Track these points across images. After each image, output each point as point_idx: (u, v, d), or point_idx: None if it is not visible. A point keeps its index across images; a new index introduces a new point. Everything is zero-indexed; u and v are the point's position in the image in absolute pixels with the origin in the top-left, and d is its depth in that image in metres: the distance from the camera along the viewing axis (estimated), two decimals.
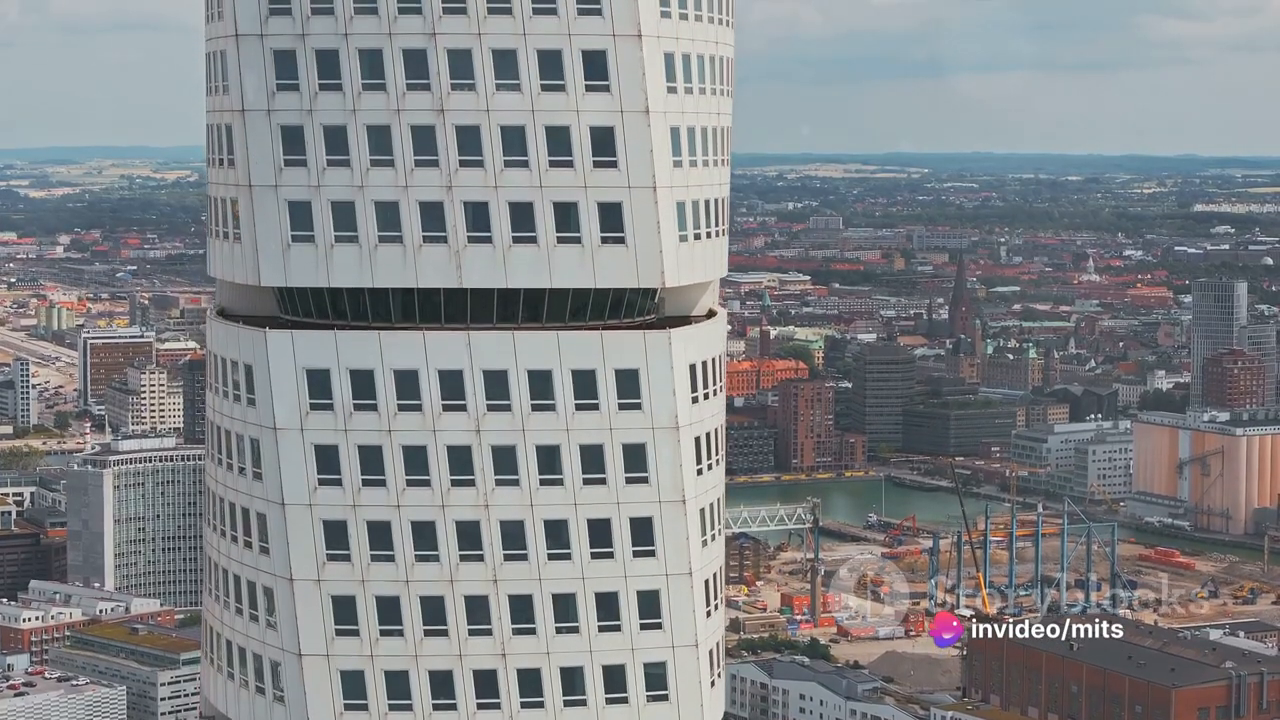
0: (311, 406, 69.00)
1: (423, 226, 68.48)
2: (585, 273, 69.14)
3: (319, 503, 68.94)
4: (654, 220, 68.99)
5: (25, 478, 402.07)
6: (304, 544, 68.94)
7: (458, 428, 68.84)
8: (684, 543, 69.89)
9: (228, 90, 70.45)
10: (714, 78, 72.62)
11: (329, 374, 68.79)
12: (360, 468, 68.83)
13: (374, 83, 68.44)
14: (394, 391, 68.75)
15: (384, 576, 68.90)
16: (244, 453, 70.74)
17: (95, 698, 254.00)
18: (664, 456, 69.56)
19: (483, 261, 68.63)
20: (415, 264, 68.61)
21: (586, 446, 69.21)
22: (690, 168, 70.89)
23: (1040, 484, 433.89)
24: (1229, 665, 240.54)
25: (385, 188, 68.53)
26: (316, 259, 69.02)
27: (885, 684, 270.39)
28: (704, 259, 72.24)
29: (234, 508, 71.62)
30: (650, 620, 69.90)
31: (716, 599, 72.74)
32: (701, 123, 71.69)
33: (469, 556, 68.97)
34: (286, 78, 68.88)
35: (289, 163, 69.02)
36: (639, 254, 69.22)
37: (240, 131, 69.71)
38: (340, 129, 68.63)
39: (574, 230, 68.86)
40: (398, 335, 69.13)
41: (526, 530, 69.08)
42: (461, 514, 68.94)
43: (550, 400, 69.12)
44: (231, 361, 71.46)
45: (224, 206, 71.60)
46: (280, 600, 69.43)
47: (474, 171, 68.42)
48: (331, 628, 69.01)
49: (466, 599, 69.03)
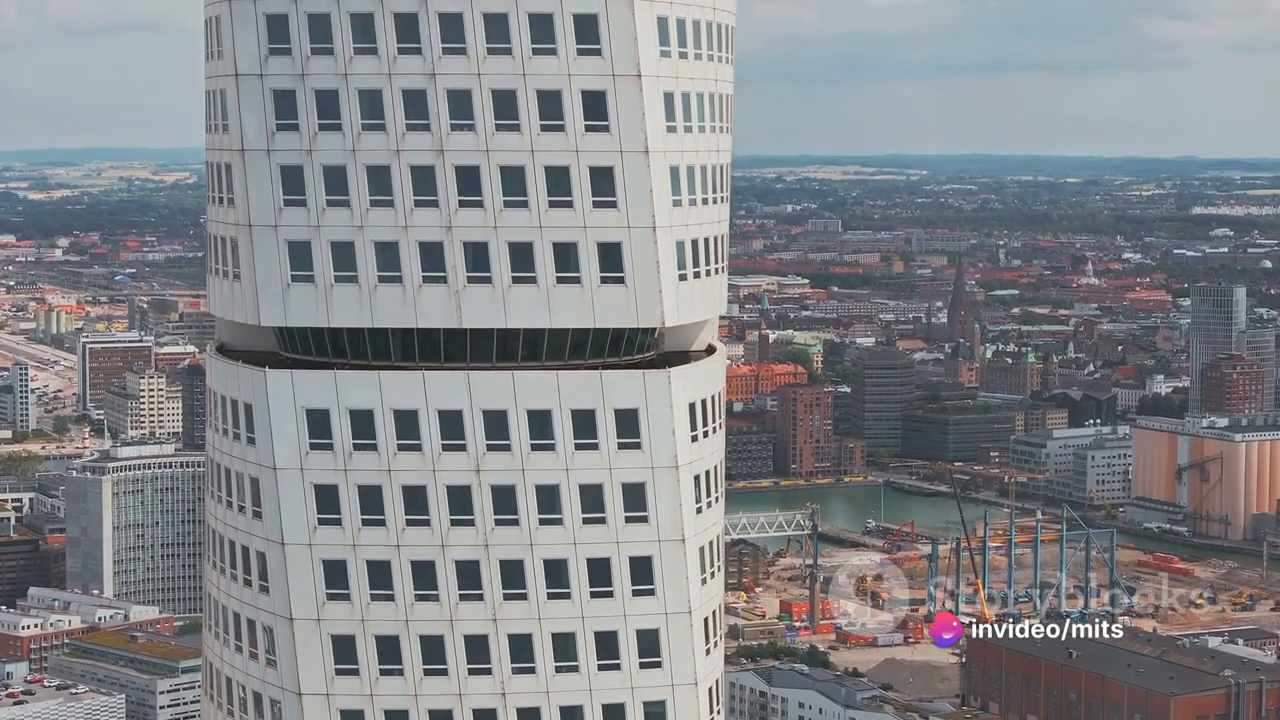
0: (311, 446, 69.04)
1: (422, 267, 68.52)
2: (585, 313, 69.18)
3: (319, 542, 69.00)
4: (653, 260, 69.04)
5: (24, 484, 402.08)
6: (304, 583, 68.99)
7: (457, 468, 68.88)
8: (683, 582, 69.97)
9: (227, 129, 70.50)
10: (714, 115, 72.63)
11: (329, 414, 68.85)
12: (360, 507, 68.88)
13: (374, 123, 68.49)
14: (394, 431, 68.80)
15: (384, 616, 68.98)
16: (244, 491, 70.82)
17: (94, 706, 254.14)
18: (663, 496, 69.61)
19: (482, 302, 68.66)
20: (415, 304, 68.65)
21: (586, 486, 69.27)
22: (690, 207, 70.92)
23: (1039, 489, 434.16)
24: (1228, 673, 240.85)
25: (385, 228, 68.60)
26: (316, 299, 69.05)
27: (884, 692, 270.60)
28: (703, 297, 72.28)
29: (234, 546, 71.69)
30: (650, 659, 69.98)
31: (716, 636, 72.83)
32: (701, 161, 71.71)
33: (469, 596, 69.06)
34: (286, 118, 68.93)
35: (289, 203, 69.09)
36: (638, 294, 69.26)
37: (240, 171, 69.76)
38: (340, 169, 68.67)
39: (574, 270, 68.88)
40: (397, 375, 69.14)
41: (526, 570, 69.15)
42: (461, 554, 68.99)
43: (550, 440, 69.16)
44: (231, 400, 71.51)
45: (223, 245, 71.66)
46: (280, 639, 69.50)
47: (474, 212, 68.48)
48: (331, 667, 69.07)
49: (466, 639, 69.10)
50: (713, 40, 72.60)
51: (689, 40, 70.85)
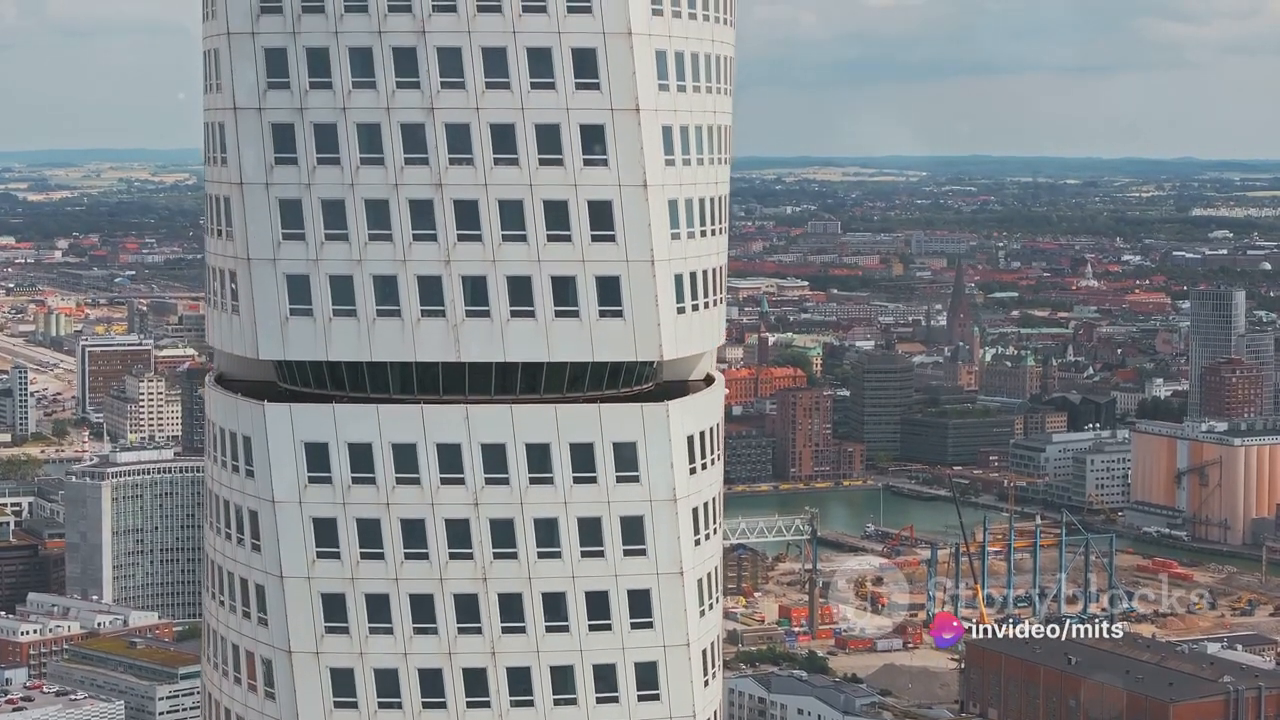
0: (310, 479, 69.11)
1: (421, 300, 68.58)
2: (583, 346, 69.21)
3: (317, 575, 69.09)
4: (652, 293, 69.11)
5: (23, 488, 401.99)
6: (302, 616, 69.06)
7: (456, 501, 68.96)
8: (681, 614, 70.00)
9: (226, 162, 70.58)
10: (712, 148, 72.71)
11: (328, 447, 68.91)
12: (359, 540, 68.96)
13: (372, 157, 68.57)
14: (392, 465, 68.85)
15: (382, 649, 69.04)
16: (242, 524, 70.90)
17: (93, 712, 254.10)
18: (662, 529, 69.65)
19: (481, 335, 68.70)
20: (414, 338, 68.71)
21: (584, 519, 69.31)
22: (688, 240, 70.98)
23: (1038, 494, 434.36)
24: (1227, 680, 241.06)
25: (384, 262, 68.66)
26: (315, 332, 69.10)
27: (883, 698, 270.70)
28: (702, 329, 72.34)
29: (232, 578, 71.76)
30: (648, 692, 70.03)
31: (714, 667, 72.88)
32: (700, 194, 71.76)
33: (467, 629, 69.13)
34: (285, 151, 69.01)
35: (287, 236, 69.17)
36: (637, 327, 69.30)
37: (239, 204, 69.82)
38: (339, 203, 68.76)
39: (572, 304, 68.94)
40: (396, 409, 69.18)
41: (525, 603, 69.20)
42: (460, 587, 69.00)
43: (548, 473, 69.19)
44: (230, 432, 71.56)
45: (222, 278, 71.73)
46: (279, 672, 69.56)
47: (472, 245, 68.56)
48: (330, 700, 69.15)
49: (465, 671, 69.13)
50: (711, 72, 72.68)
51: (688, 74, 70.92)
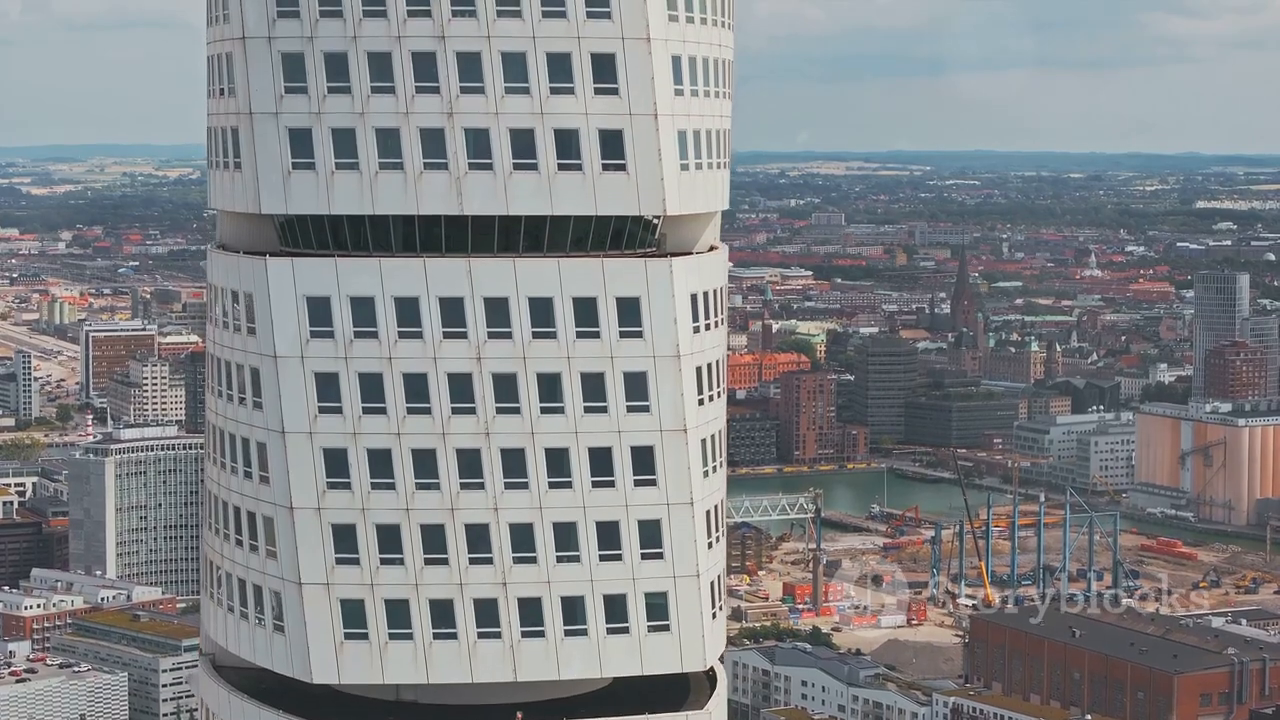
0: (312, 334, 68.67)
1: (424, 153, 68.15)
2: (586, 200, 68.80)
3: (319, 430, 68.65)
4: (655, 147, 68.68)
5: (27, 468, 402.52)
6: (304, 472, 68.61)
7: (458, 355, 68.48)
8: (685, 473, 69.55)
9: (228, 19, 70.21)
10: (715, 8, 72.28)
11: (329, 302, 68.48)
12: (361, 395, 68.49)
13: (375, 9, 68.13)
14: (394, 319, 68.40)
15: (384, 505, 68.58)
16: (244, 382, 70.48)
17: (97, 684, 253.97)
18: (665, 385, 69.16)
19: (484, 188, 68.24)
20: (416, 191, 68.29)
21: (587, 375, 68.83)
22: (691, 97, 70.58)
23: (1042, 475, 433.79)
24: (1231, 652, 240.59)
25: (386, 114, 68.26)
26: (317, 186, 68.69)
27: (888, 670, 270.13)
28: (705, 189, 71.93)
29: (234, 439, 71.34)
30: (651, 550, 69.58)
31: (718, 531, 72.46)
32: (703, 53, 71.36)
33: (469, 485, 68.63)
34: (287, 5, 68.60)
35: (289, 90, 68.77)
36: (640, 181, 68.88)
37: (241, 59, 69.43)
38: (341, 56, 68.34)
39: (575, 157, 68.50)
40: (398, 262, 68.81)
41: (527, 459, 68.75)
42: (462, 442, 68.57)
43: (551, 328, 68.75)
44: (231, 291, 71.23)
45: (224, 136, 71.35)
46: (280, 529, 69.15)
47: (475, 98, 68.14)
48: (331, 557, 68.71)
49: (467, 528, 68.70)
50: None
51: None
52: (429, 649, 68.79)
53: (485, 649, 68.93)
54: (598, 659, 69.59)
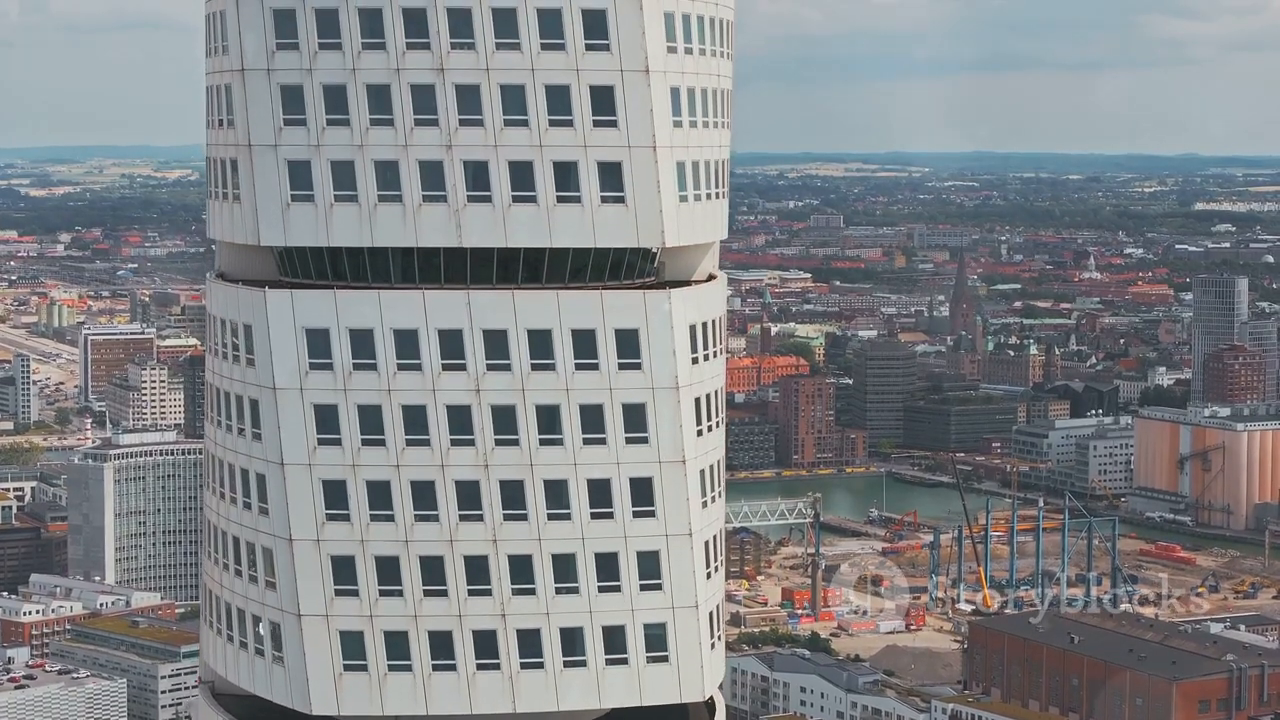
0: (311, 366, 68.76)
1: (423, 186, 68.24)
2: (585, 232, 68.89)
3: (318, 462, 68.73)
4: (654, 180, 68.74)
5: (26, 472, 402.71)
6: (303, 504, 68.70)
7: (457, 387, 68.59)
8: (684, 504, 69.66)
9: (227, 51, 70.26)
10: (714, 39, 72.35)
11: (328, 333, 68.57)
12: (360, 427, 68.61)
13: (374, 42, 68.23)
14: (394, 351, 68.48)
15: (383, 536, 68.70)
16: (243, 413, 70.53)
17: (96, 690, 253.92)
18: (664, 417, 69.24)
19: (482, 221, 68.34)
20: (415, 223, 68.39)
21: (586, 406, 68.93)
22: (690, 128, 70.65)
23: (1041, 479, 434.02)
24: (1230, 658, 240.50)
25: (385, 147, 68.35)
26: (316, 218, 68.78)
27: (886, 677, 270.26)
28: (704, 220, 72.01)
29: (233, 469, 71.40)
30: (650, 581, 69.65)
31: (717, 561, 72.55)
32: (702, 84, 71.43)
33: (469, 516, 68.74)
34: (286, 37, 68.70)
35: (288, 122, 68.86)
36: (639, 213, 68.96)
37: (240, 91, 69.52)
38: (340, 88, 68.43)
39: (574, 189, 68.59)
40: (397, 294, 68.89)
41: (526, 490, 68.86)
42: (461, 474, 68.66)
43: (550, 360, 68.82)
44: (231, 322, 71.27)
45: (223, 167, 71.44)
46: (280, 561, 69.23)
47: (474, 130, 68.22)
48: (331, 588, 68.77)
49: (466, 559, 68.80)
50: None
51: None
52: (428, 680, 68.87)
53: (484, 680, 69.00)
54: (597, 690, 69.69)
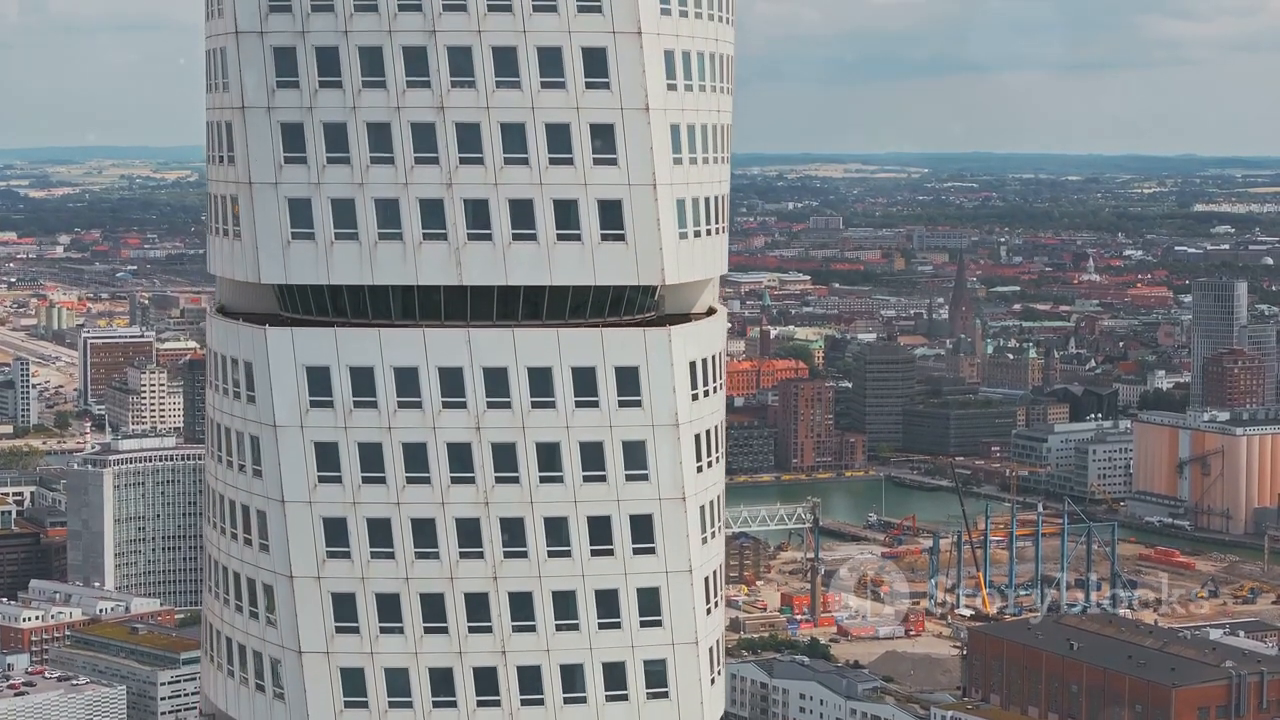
0: (311, 404, 68.96)
1: (423, 224, 68.39)
2: (585, 270, 69.07)
3: (319, 500, 68.88)
4: (654, 217, 68.91)
5: (25, 477, 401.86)
6: (304, 541, 68.87)
7: (458, 425, 68.77)
8: (684, 540, 69.81)
9: (227, 88, 70.35)
10: (714, 75, 72.50)
11: (329, 371, 68.76)
12: (360, 465, 68.77)
13: (374, 80, 68.37)
14: (394, 389, 68.70)
15: (384, 574, 68.84)
16: (244, 450, 70.66)
17: (95, 697, 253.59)
18: (664, 454, 69.49)
19: (483, 258, 68.55)
20: (415, 261, 68.55)
21: (586, 444, 69.13)
22: (690, 165, 70.81)
23: (1040, 484, 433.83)
24: (1229, 665, 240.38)
25: (385, 185, 68.46)
26: (317, 256, 68.97)
27: (885, 683, 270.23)
28: (704, 256, 72.17)
29: (234, 505, 71.55)
30: (650, 618, 69.80)
31: (716, 596, 72.68)
32: (701, 120, 71.59)
33: (469, 554, 68.90)
34: (287, 75, 68.79)
35: (289, 160, 68.96)
36: (639, 251, 69.16)
37: (240, 129, 69.61)
38: (340, 126, 68.54)
39: (574, 227, 68.78)
40: (398, 332, 69.07)
41: (526, 527, 69.00)
42: (461, 511, 68.86)
43: (550, 397, 69.07)
44: (231, 359, 71.40)
45: (224, 204, 71.55)
46: (280, 597, 69.36)
47: (474, 169, 68.34)
48: (331, 625, 68.95)
49: (466, 596, 68.97)
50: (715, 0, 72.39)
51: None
52: (429, 718, 69.07)
53: (484, 717, 69.25)
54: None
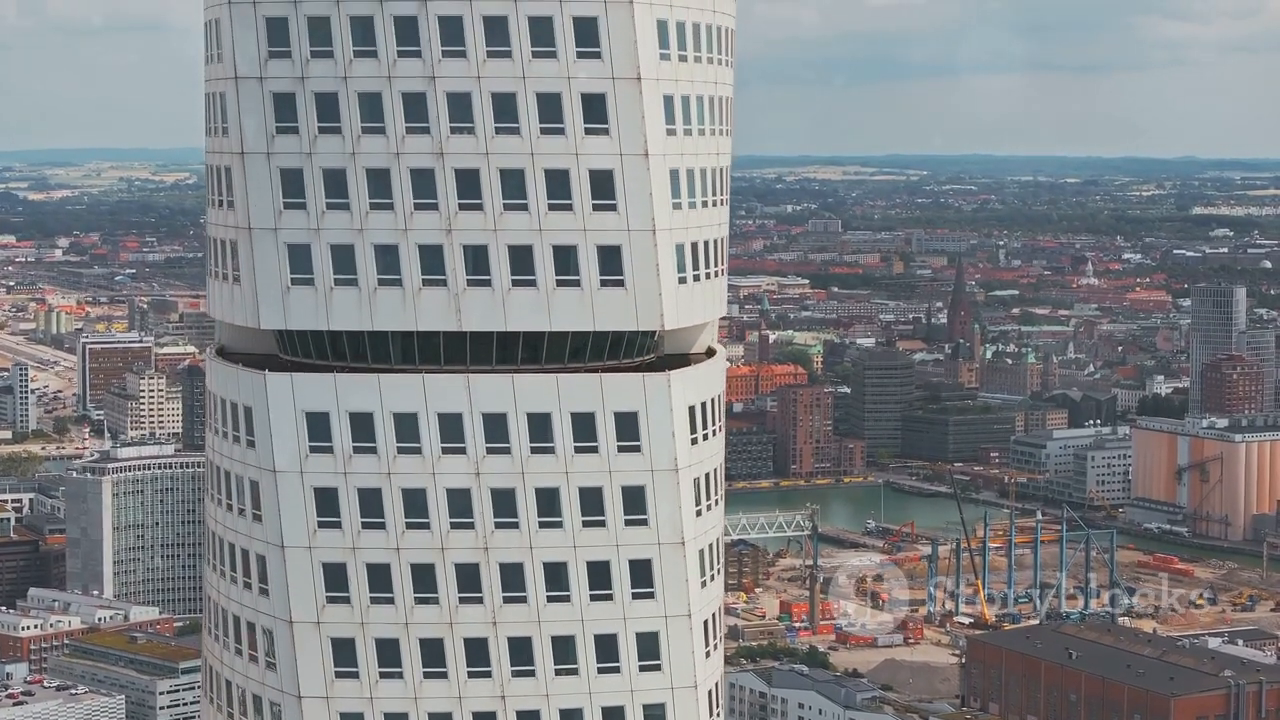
0: (311, 449, 69.03)
1: (422, 269, 68.45)
2: (585, 315, 69.12)
3: (319, 545, 68.98)
4: (653, 263, 68.99)
5: (24, 484, 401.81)
6: (304, 586, 68.96)
7: (457, 470, 68.86)
8: (683, 585, 69.93)
9: (227, 132, 70.41)
10: (713, 119, 72.56)
11: (329, 417, 68.81)
12: (360, 510, 68.85)
13: (373, 126, 68.41)
14: (393, 434, 68.76)
15: (383, 619, 68.96)
16: (243, 494, 70.77)
17: (94, 706, 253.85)
18: (663, 498, 69.58)
19: (482, 304, 68.58)
20: (415, 307, 68.59)
21: (586, 489, 69.23)
22: (690, 210, 70.88)
23: (1039, 490, 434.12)
24: (1228, 674, 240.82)
25: (385, 230, 68.53)
26: (316, 302, 68.99)
27: (884, 692, 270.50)
28: (703, 300, 72.26)
29: (234, 549, 71.66)
30: (649, 662, 69.94)
31: (716, 639, 72.82)
32: (701, 164, 71.65)
33: (468, 599, 69.01)
34: (286, 120, 68.85)
35: (288, 205, 69.03)
36: (638, 296, 69.21)
37: (240, 174, 69.67)
38: (340, 172, 68.60)
39: (573, 273, 68.84)
40: (397, 378, 69.08)
41: (526, 573, 69.12)
42: (461, 556, 68.96)
43: (549, 443, 69.13)
44: (231, 403, 71.45)
45: (223, 248, 71.64)
46: (280, 642, 69.45)
47: (474, 215, 68.40)
48: (331, 670, 69.05)
49: (466, 641, 69.07)
50: (712, 43, 72.55)
51: (689, 43, 70.80)
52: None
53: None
54: None
